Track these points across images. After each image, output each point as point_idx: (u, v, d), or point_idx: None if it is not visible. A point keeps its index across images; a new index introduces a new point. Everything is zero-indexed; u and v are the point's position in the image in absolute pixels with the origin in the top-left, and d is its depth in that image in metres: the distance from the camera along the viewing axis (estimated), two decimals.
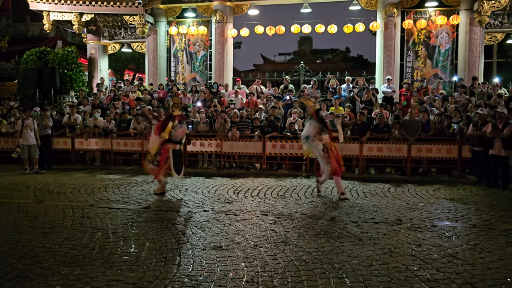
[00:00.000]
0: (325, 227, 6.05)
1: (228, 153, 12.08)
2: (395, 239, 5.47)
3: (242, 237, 5.54)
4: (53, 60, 17.21)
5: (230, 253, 4.91)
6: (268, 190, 8.92)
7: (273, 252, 4.94)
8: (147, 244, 5.24)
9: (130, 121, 12.94)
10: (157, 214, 6.81)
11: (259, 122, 12.24)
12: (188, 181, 10.13)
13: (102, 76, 18.00)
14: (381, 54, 15.94)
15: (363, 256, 4.83)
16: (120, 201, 7.88)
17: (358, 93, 13.98)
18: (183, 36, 17.42)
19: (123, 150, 12.78)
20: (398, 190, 8.99)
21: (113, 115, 13.52)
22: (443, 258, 4.77)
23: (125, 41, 18.39)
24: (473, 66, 15.10)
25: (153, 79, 17.44)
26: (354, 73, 19.76)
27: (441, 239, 5.50)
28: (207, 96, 14.75)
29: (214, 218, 6.51)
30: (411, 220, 6.49)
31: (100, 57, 18.44)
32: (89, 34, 18.29)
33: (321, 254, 4.90)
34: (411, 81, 15.37)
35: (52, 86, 16.14)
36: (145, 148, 12.19)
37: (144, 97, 15.20)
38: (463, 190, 9.11)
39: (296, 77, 16.86)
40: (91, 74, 18.44)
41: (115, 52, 19.34)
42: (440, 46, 15.44)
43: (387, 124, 11.54)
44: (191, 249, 5.07)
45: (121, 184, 9.57)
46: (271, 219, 6.46)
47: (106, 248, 5.08)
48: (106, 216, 6.65)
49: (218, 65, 17.00)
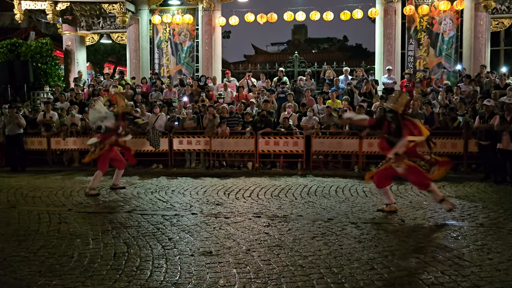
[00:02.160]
0: (323, 229, 6.07)
1: (218, 151, 12.06)
2: (398, 241, 5.50)
3: (233, 241, 5.54)
4: (25, 53, 17.06)
5: (220, 259, 4.90)
6: (261, 191, 8.93)
7: (267, 257, 4.95)
8: (130, 250, 5.22)
9: None
10: (141, 218, 6.78)
11: (250, 117, 12.24)
12: (175, 182, 10.10)
13: (80, 70, 17.88)
14: (381, 43, 16.00)
15: (364, 259, 4.86)
16: (101, 204, 7.84)
17: (357, 85, 14.03)
18: (167, 26, 17.34)
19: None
20: (401, 188, 9.04)
21: None
22: (448, 260, 4.81)
23: (104, 31, 18.27)
24: (479, 55, 15.21)
25: (135, 72, 17.36)
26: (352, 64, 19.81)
27: (447, 239, 5.54)
28: (194, 90, 14.71)
29: (203, 222, 6.50)
30: (415, 220, 6.53)
31: (77, 49, 18.31)
32: (64, 24, 18.14)
33: (318, 258, 4.91)
34: (413, 71, 15.45)
35: (25, 81, 15.99)
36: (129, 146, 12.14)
37: (126, 92, 15.12)
38: (470, 187, 9.18)
39: (290, 68, 16.88)
40: (68, 67, 18.31)
41: (93, 44, 19.21)
42: (443, 34, 15.53)
43: None
44: (178, 255, 5.06)
45: (101, 187, 9.52)
46: (264, 222, 6.46)
47: (85, 256, 5.05)
48: (86, 221, 6.61)
49: (205, 57, 16.95)
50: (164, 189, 9.19)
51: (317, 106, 12.99)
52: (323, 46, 48.77)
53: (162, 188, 9.29)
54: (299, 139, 11.55)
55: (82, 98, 15.10)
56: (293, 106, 12.95)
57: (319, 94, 14.13)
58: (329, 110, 12.17)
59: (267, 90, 14.19)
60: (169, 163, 12.25)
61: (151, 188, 9.25)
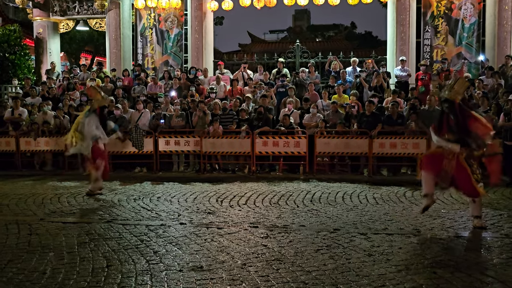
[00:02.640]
0: (328, 241, 6.07)
1: (209, 153, 12.06)
2: (412, 254, 5.51)
3: (227, 254, 5.53)
4: None
5: (212, 275, 4.90)
6: (259, 197, 8.93)
7: (265, 272, 4.95)
8: (111, 265, 5.21)
9: None
10: (123, 229, 6.76)
11: (246, 114, 12.25)
12: (161, 187, 10.09)
13: (53, 61, 17.82)
14: (393, 30, 16.04)
15: (374, 275, 4.86)
16: (77, 213, 7.81)
17: (366, 78, 14.06)
18: (152, 11, 17.33)
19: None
20: (416, 194, 9.06)
21: (67, 109, 13.41)
22: (470, 275, 4.80)
23: (81, 17, 18.24)
24: (503, 44, 15.28)
25: (115, 63, 17.34)
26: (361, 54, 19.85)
27: (468, 252, 5.55)
28: (183, 84, 14.71)
29: (192, 233, 6.49)
30: (432, 230, 6.54)
31: (50, 37, 18.27)
32: (35, 9, 18.10)
33: (323, 273, 4.92)
34: (430, 62, 15.51)
35: None
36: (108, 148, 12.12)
37: (105, 86, 15.10)
38: (494, 193, 9.21)
39: (291, 59, 16.91)
40: (39, 58, 18.27)
41: (68, 31, 19.18)
42: (464, 20, 15.59)
43: (402, 114, 11.62)
44: (165, 270, 5.05)
45: (78, 193, 9.50)
46: (262, 233, 6.46)
47: (60, 272, 5.04)
48: (60, 233, 6.58)
49: (195, 46, 16.95)
50: (149, 196, 9.16)
51: (322, 102, 13.01)
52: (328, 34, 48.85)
53: (146, 195, 9.26)
54: (301, 139, 11.56)
55: (56, 92, 15.07)
56: (295, 101, 12.96)
57: (324, 88, 14.16)
58: (335, 106, 12.20)
59: (265, 84, 14.20)
60: (154, 167, 12.24)
61: (134, 195, 9.23)
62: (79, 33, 24.35)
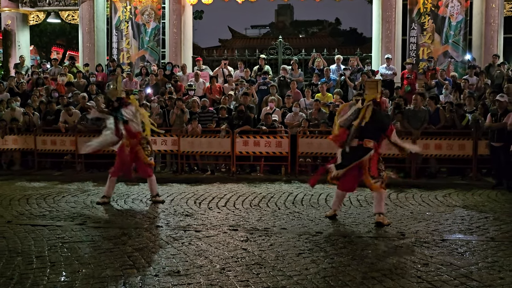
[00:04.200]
0: (310, 244, 6.11)
1: (187, 153, 12.02)
2: (397, 258, 5.57)
3: (205, 259, 5.53)
4: None
5: (190, 280, 4.89)
6: (239, 199, 8.93)
7: (245, 277, 4.95)
8: (82, 270, 5.17)
9: (59, 112, 12.70)
10: (95, 232, 6.72)
11: (226, 112, 12.24)
12: (136, 189, 10.03)
13: (22, 55, 17.59)
14: (379, 27, 16.18)
15: (358, 279, 4.90)
16: (47, 215, 7.73)
17: (351, 76, 14.15)
18: (128, 3, 17.20)
19: (50, 150, 12.56)
20: (401, 196, 9.17)
21: (36, 105, 13.24)
22: (454, 279, 4.89)
23: (52, 8, 18.01)
24: (490, 42, 15.51)
25: (89, 58, 17.17)
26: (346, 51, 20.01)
27: (453, 256, 5.64)
28: (160, 80, 14.63)
29: (169, 236, 6.47)
30: (416, 233, 6.63)
31: (18, 30, 18.03)
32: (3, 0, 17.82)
33: (304, 278, 4.94)
34: (416, 60, 15.67)
35: None
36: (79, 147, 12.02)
37: (78, 82, 14.95)
38: (479, 195, 9.37)
39: (273, 55, 16.94)
40: (7, 51, 18.00)
41: (39, 23, 18.95)
42: (450, 18, 15.79)
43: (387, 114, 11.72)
44: (139, 275, 5.03)
45: (48, 194, 9.39)
46: (242, 236, 6.46)
47: (28, 277, 4.98)
48: (29, 236, 6.51)
49: (173, 41, 16.87)
50: (123, 198, 9.11)
51: (305, 100, 13.07)
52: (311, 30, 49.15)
53: (120, 196, 9.20)
54: (283, 139, 11.59)
55: (25, 88, 14.87)
56: (277, 100, 12.99)
57: (307, 86, 14.21)
58: (318, 105, 12.26)
59: (246, 81, 14.20)
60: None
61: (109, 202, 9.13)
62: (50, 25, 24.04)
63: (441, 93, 13.03)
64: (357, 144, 7.08)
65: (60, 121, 12.52)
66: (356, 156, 7.07)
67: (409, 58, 15.64)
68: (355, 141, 7.09)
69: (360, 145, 7.07)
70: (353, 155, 7.09)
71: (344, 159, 7.19)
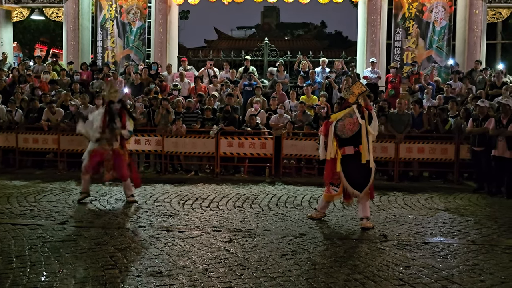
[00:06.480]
0: (293, 246, 6.12)
1: (171, 153, 11.97)
2: (379, 260, 5.61)
3: (188, 259, 5.51)
4: None
5: (172, 280, 4.87)
6: (222, 200, 8.92)
7: (228, 278, 4.95)
8: (63, 270, 5.12)
9: (42, 110, 12.57)
10: (77, 231, 6.66)
11: (211, 113, 12.21)
12: (119, 188, 9.94)
13: (5, 52, 17.36)
14: (364, 31, 16.28)
15: (340, 281, 4.92)
16: (28, 214, 7.65)
17: (336, 79, 14.22)
18: (113, 2, 17.07)
19: (32, 148, 12.43)
20: (383, 199, 9.22)
21: (18, 103, 13.08)
22: (436, 281, 4.94)
23: (36, 5, 17.80)
24: (473, 48, 15.69)
25: (73, 56, 16.99)
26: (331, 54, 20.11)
27: (434, 259, 5.69)
28: (144, 80, 14.54)
29: (152, 236, 6.44)
30: (399, 236, 6.67)
31: (1, 26, 17.80)
32: None
33: (287, 280, 4.95)
34: (400, 65, 15.80)
35: None
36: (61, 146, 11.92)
37: (61, 80, 14.79)
38: (461, 199, 9.47)
39: (258, 57, 16.93)
40: None
41: (22, 20, 18.70)
42: (435, 23, 15.95)
43: None
44: (121, 276, 4.99)
45: (29, 193, 9.29)
46: (225, 237, 6.46)
47: (8, 277, 4.92)
48: (9, 235, 6.44)
49: (158, 40, 16.78)
50: (106, 197, 9.05)
51: (290, 102, 13.10)
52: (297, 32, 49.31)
53: (103, 196, 9.14)
54: (268, 141, 11.61)
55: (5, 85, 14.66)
56: (262, 101, 12.99)
57: (292, 89, 14.25)
58: (303, 107, 12.29)
59: (231, 82, 14.19)
60: None
61: (89, 196, 9.07)
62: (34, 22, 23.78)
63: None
64: (354, 152, 7.10)
65: (42, 119, 12.38)
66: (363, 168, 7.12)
67: (394, 62, 15.77)
68: (351, 149, 7.11)
69: (356, 152, 7.10)
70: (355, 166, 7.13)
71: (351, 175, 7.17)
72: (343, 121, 7.10)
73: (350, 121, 7.06)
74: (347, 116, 7.11)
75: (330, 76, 14.17)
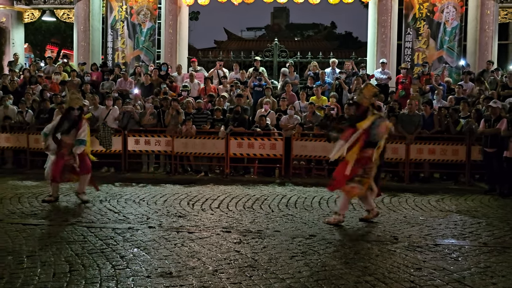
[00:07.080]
0: (303, 247, 6.10)
1: (181, 154, 11.99)
2: (390, 262, 5.57)
3: (198, 260, 5.51)
4: None
5: (182, 281, 4.87)
6: (232, 201, 8.92)
7: (237, 279, 4.94)
8: (74, 271, 5.13)
9: (52, 111, 12.64)
10: (87, 231, 6.67)
11: (221, 114, 12.22)
12: (129, 189, 9.99)
13: (16, 52, 17.53)
14: (374, 32, 16.22)
15: (351, 283, 4.90)
16: (39, 215, 7.69)
17: (346, 80, 14.18)
18: (123, 3, 17.16)
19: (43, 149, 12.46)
20: (394, 200, 9.17)
21: (29, 103, 13.18)
22: (447, 284, 4.90)
23: (48, 6, 17.94)
24: (485, 49, 15.59)
25: (84, 57, 17.10)
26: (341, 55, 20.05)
27: (445, 261, 5.64)
28: (154, 81, 14.59)
29: (162, 237, 6.44)
30: (409, 238, 6.63)
31: (13, 27, 17.95)
32: None
33: (297, 281, 4.93)
34: (411, 65, 15.72)
35: None
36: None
37: (72, 80, 14.87)
38: (472, 200, 9.40)
39: (268, 57, 16.93)
40: (1, 49, 17.91)
41: (33, 21, 18.85)
42: (446, 23, 15.86)
43: None
44: (131, 276, 5.00)
45: (40, 193, 9.35)
46: (235, 238, 6.45)
47: (19, 277, 4.94)
48: (20, 235, 6.46)
49: (168, 41, 16.84)
50: (116, 198, 9.07)
51: (300, 103, 13.07)
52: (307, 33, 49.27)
53: (113, 196, 9.16)
54: (278, 141, 11.59)
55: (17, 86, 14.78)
56: (271, 102, 12.99)
57: (302, 89, 14.22)
58: (313, 107, 12.27)
59: (242, 83, 14.19)
60: (123, 167, 12.11)
61: (100, 196, 9.11)
62: (45, 23, 23.95)
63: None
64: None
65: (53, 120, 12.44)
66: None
67: (404, 62, 15.71)
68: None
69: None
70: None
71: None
72: (378, 127, 7.13)
73: (385, 125, 7.22)
74: (381, 121, 7.20)
75: (340, 77, 14.14)
